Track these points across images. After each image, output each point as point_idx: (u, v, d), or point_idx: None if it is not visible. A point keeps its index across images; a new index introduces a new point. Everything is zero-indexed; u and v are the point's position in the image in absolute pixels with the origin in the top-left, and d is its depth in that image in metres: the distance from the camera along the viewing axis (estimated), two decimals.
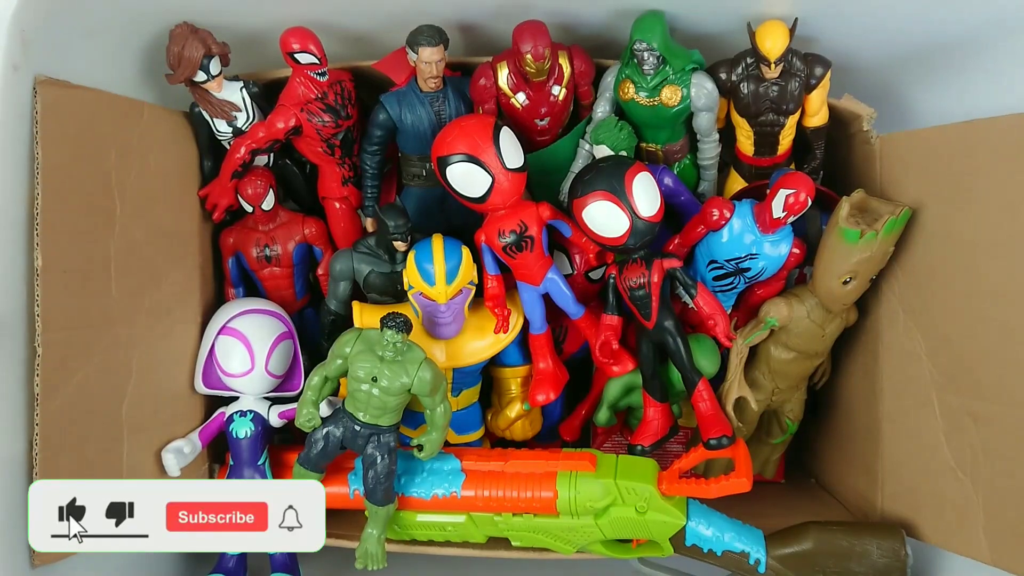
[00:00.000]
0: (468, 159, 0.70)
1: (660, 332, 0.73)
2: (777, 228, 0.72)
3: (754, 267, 0.74)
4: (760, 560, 0.70)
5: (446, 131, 0.72)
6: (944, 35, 0.75)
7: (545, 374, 0.79)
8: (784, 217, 0.70)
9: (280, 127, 0.77)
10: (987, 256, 0.65)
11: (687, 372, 0.73)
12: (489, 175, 0.70)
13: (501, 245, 0.74)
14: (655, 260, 0.73)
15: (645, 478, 0.70)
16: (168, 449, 0.74)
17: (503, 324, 0.78)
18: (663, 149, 0.80)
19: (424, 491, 0.72)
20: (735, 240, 0.73)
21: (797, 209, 0.69)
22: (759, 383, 0.80)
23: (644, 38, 0.72)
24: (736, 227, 0.73)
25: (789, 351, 0.77)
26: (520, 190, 0.73)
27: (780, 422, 0.84)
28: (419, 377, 0.68)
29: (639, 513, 0.70)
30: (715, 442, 0.71)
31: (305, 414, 0.71)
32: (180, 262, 0.79)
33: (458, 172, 0.71)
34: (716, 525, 0.71)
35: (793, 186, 0.68)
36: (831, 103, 0.78)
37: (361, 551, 0.71)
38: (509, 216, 0.73)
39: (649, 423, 0.77)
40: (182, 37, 0.73)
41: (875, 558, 0.70)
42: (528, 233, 0.73)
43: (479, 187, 0.71)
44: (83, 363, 0.65)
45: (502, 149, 0.70)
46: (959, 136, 0.68)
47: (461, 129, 0.71)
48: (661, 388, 0.77)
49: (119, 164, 0.69)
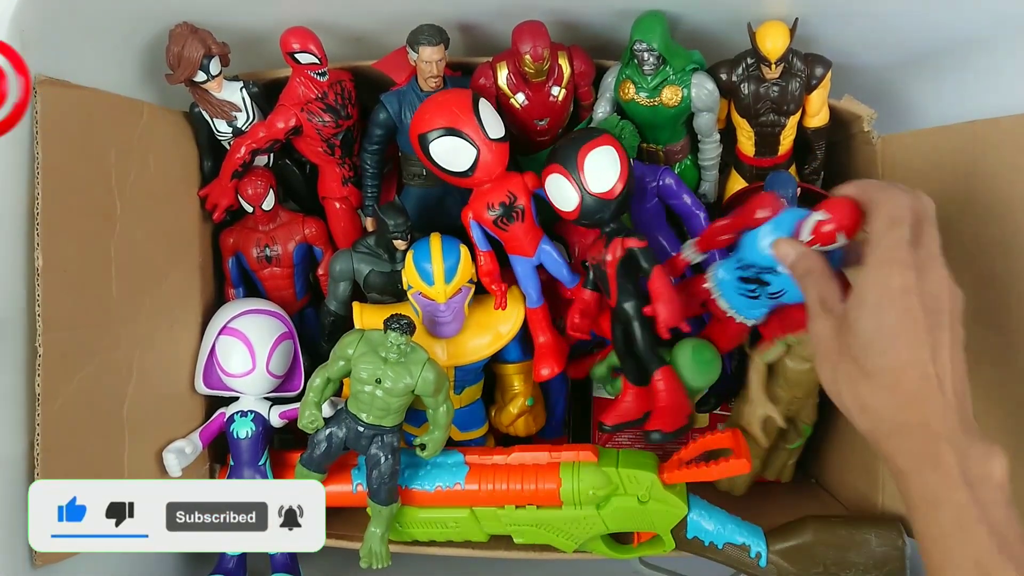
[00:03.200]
0: (450, 132, 0.69)
1: (619, 312, 0.70)
2: None
3: (774, 283, 0.66)
4: (761, 554, 0.70)
5: (423, 108, 0.71)
6: (945, 35, 0.75)
7: (545, 348, 0.78)
8: (810, 242, 0.57)
9: (280, 127, 0.77)
10: (988, 257, 0.65)
11: (643, 356, 0.70)
12: (473, 146, 0.69)
13: (491, 218, 0.73)
14: (615, 238, 0.70)
15: (646, 467, 0.71)
16: (169, 449, 0.74)
17: (501, 299, 0.77)
18: (664, 150, 0.80)
19: (427, 484, 0.73)
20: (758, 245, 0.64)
21: (824, 240, 0.56)
22: (778, 396, 0.79)
23: (644, 38, 0.72)
24: (765, 232, 0.62)
25: (805, 362, 0.77)
26: (504, 161, 0.72)
27: (796, 427, 0.84)
28: (423, 378, 0.68)
29: (641, 503, 0.70)
30: (661, 436, 0.69)
31: (308, 416, 0.71)
32: (180, 262, 0.79)
33: (441, 147, 0.70)
34: (717, 519, 0.71)
35: (830, 211, 0.55)
36: (831, 104, 0.78)
37: (365, 550, 0.71)
38: (496, 188, 0.72)
39: (617, 403, 0.73)
40: (182, 37, 0.73)
41: (873, 547, 0.71)
42: (518, 203, 0.72)
43: (464, 160, 0.70)
44: (84, 363, 0.65)
45: (483, 119, 0.69)
46: (960, 137, 0.68)
47: (439, 104, 0.70)
48: (636, 370, 0.72)
49: (119, 164, 0.69)
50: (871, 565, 0.70)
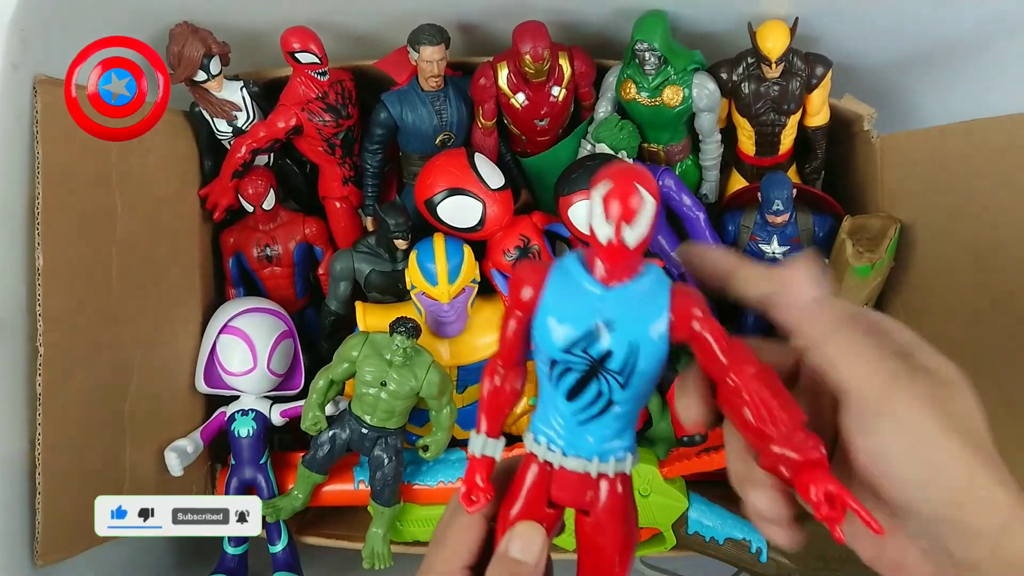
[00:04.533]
0: (453, 192, 0.72)
1: None
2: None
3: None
4: (761, 549, 0.71)
5: (423, 176, 0.75)
6: (945, 35, 0.75)
7: None
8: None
9: (281, 126, 0.77)
10: (988, 256, 0.65)
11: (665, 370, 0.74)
12: (478, 201, 0.72)
13: (510, 263, 0.75)
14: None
15: (647, 461, 0.72)
16: (171, 448, 0.74)
17: None
18: (665, 150, 0.80)
19: (430, 479, 0.73)
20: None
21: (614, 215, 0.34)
22: None
23: (645, 38, 0.72)
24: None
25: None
26: (510, 207, 0.75)
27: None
28: (427, 381, 0.68)
29: (643, 496, 0.71)
30: (688, 439, 0.73)
31: (311, 417, 0.71)
32: (181, 262, 0.79)
33: (448, 208, 0.73)
34: (717, 514, 0.72)
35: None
36: (832, 103, 0.78)
37: (367, 551, 0.71)
38: (508, 235, 0.76)
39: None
40: (182, 36, 0.73)
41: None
42: (532, 244, 0.75)
43: (472, 216, 0.73)
44: (84, 362, 0.65)
45: (481, 173, 0.73)
46: (960, 136, 0.68)
47: (437, 168, 0.74)
48: None
49: (119, 163, 0.69)
50: None
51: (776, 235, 0.78)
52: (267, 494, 0.76)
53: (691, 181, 0.83)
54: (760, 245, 0.79)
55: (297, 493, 0.74)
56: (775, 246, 0.78)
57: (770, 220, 0.76)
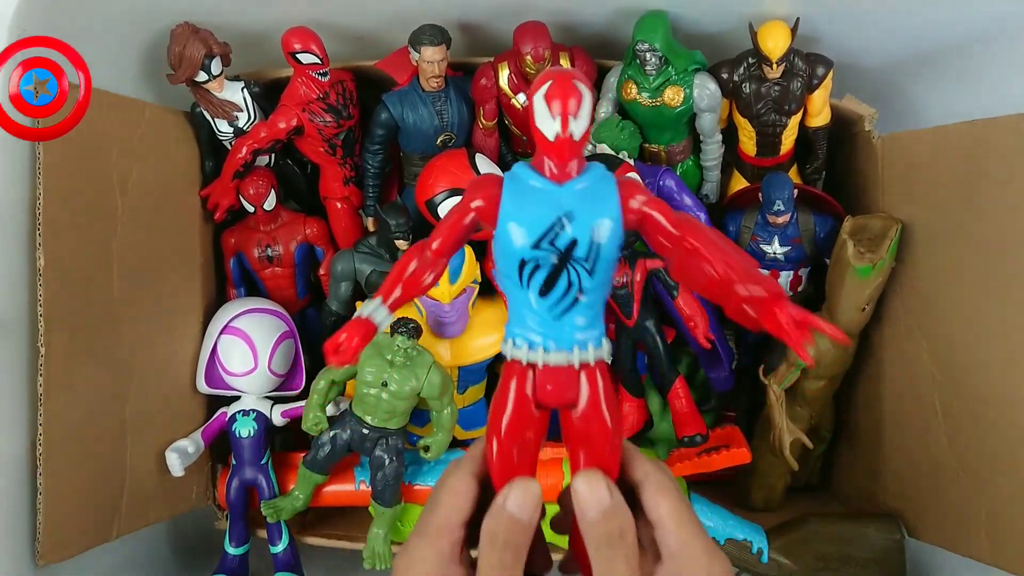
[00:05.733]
0: (455, 192, 0.72)
1: (640, 331, 0.75)
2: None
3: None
4: (763, 550, 0.71)
5: (424, 176, 0.75)
6: (946, 35, 0.75)
7: None
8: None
9: (282, 127, 0.77)
10: (989, 256, 0.65)
11: (664, 370, 0.75)
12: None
13: None
14: (639, 260, 0.74)
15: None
16: (172, 449, 0.74)
17: None
18: (666, 150, 0.80)
19: (431, 480, 0.73)
20: None
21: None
22: (799, 415, 0.80)
23: (646, 38, 0.72)
24: None
25: (821, 379, 0.78)
26: None
27: (820, 436, 0.84)
28: (428, 381, 0.68)
29: None
30: (689, 439, 0.74)
31: (312, 418, 0.71)
32: (182, 262, 0.79)
33: (449, 207, 0.72)
34: (718, 515, 0.72)
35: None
36: (833, 103, 0.78)
37: (368, 551, 0.71)
38: None
39: (623, 417, 0.78)
40: (183, 37, 0.73)
41: (873, 541, 0.72)
42: None
43: None
44: (85, 362, 0.65)
45: (482, 173, 0.72)
46: (961, 136, 0.68)
47: (437, 169, 0.74)
48: (637, 384, 0.79)
49: (120, 164, 0.69)
50: (871, 559, 0.71)
51: (777, 235, 0.78)
52: (268, 494, 0.76)
53: (692, 181, 0.83)
54: (761, 245, 0.79)
55: (298, 493, 0.74)
56: (776, 246, 0.78)
57: (771, 220, 0.76)
